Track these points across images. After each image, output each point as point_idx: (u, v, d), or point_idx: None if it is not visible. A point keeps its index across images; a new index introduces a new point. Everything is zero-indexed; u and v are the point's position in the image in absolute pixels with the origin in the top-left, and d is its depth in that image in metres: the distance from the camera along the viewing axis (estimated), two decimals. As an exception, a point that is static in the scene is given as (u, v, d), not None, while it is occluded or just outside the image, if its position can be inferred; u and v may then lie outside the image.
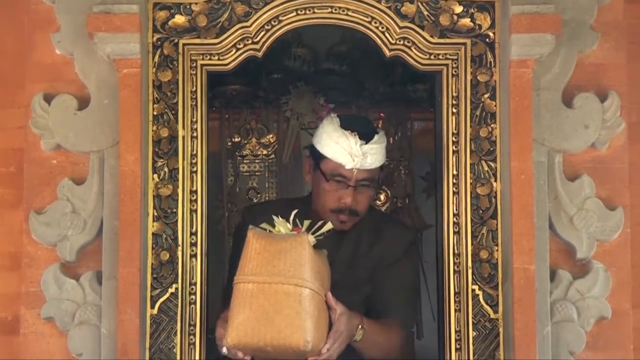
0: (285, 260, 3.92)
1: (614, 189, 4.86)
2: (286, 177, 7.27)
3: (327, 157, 4.42)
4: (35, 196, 4.81)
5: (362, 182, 4.38)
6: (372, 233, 4.58)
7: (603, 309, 4.78)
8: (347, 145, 4.37)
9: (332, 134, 4.41)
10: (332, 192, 4.42)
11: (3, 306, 4.90)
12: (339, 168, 4.39)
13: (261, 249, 3.94)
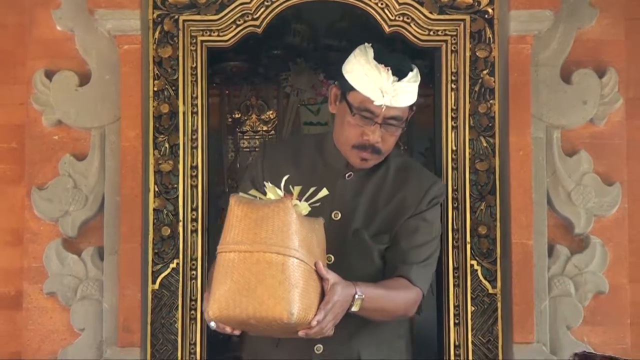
0: (268, 228, 3.74)
1: (611, 165, 4.87)
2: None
3: (356, 89, 4.09)
4: (36, 172, 4.83)
5: (389, 120, 4.08)
6: (396, 179, 4.29)
7: (600, 284, 4.81)
8: (379, 80, 4.06)
9: (364, 66, 4.10)
10: (356, 127, 4.11)
11: (6, 281, 4.92)
12: (367, 102, 4.07)
13: (243, 216, 3.75)
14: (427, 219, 4.27)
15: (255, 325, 3.66)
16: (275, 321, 3.62)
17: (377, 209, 4.20)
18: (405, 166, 4.28)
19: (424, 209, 4.23)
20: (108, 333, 4.74)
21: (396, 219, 4.20)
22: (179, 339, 4.72)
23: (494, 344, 4.77)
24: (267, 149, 4.35)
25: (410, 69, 4.12)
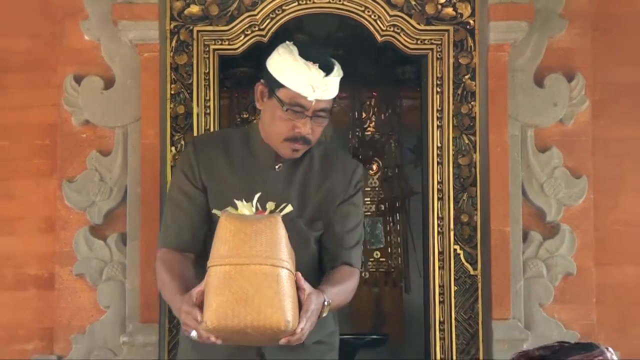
0: (262, 241, 3.58)
1: (579, 160, 4.88)
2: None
3: (286, 86, 3.84)
4: (67, 166, 4.84)
5: (319, 113, 3.86)
6: (322, 167, 4.06)
7: (569, 266, 4.82)
8: (309, 76, 3.82)
9: (292, 63, 3.85)
10: (287, 121, 3.86)
11: (40, 264, 4.91)
12: (298, 98, 3.83)
13: (236, 231, 3.58)
14: (355, 203, 4.11)
15: (250, 334, 3.55)
16: (272, 329, 3.53)
17: (308, 197, 4.04)
18: (328, 153, 4.10)
19: (352, 193, 4.08)
20: (130, 310, 4.75)
21: (327, 205, 4.04)
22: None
23: (475, 320, 4.79)
24: (197, 144, 4.04)
25: (334, 62, 3.94)
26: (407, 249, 7.07)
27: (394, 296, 7.10)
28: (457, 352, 4.78)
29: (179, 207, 3.91)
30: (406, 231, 7.08)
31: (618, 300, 4.91)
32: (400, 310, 7.03)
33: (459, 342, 4.78)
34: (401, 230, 7.15)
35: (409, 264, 7.03)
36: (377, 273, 7.18)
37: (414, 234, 6.84)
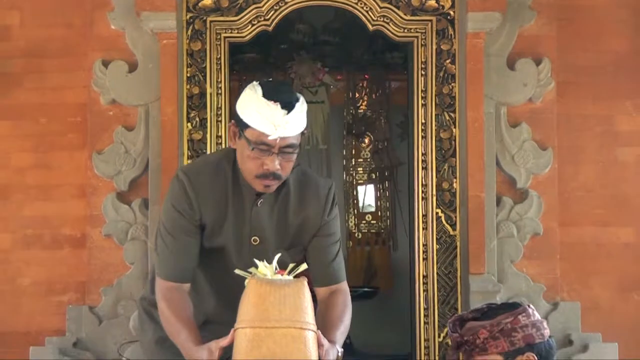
0: (290, 305, 3.36)
1: (545, 134, 4.89)
2: (291, 125, 7.26)
3: (251, 126, 3.51)
4: (96, 140, 4.87)
5: (285, 149, 3.55)
6: (297, 195, 3.75)
7: (536, 227, 4.85)
8: (270, 115, 3.51)
9: (255, 103, 3.54)
10: (256, 159, 3.55)
11: (73, 226, 4.94)
12: (262, 137, 3.50)
13: (266, 295, 3.35)
14: (331, 227, 3.79)
15: None
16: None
17: (288, 226, 3.76)
18: (301, 180, 3.75)
19: (327, 219, 3.76)
20: (152, 266, 4.75)
21: (305, 231, 3.76)
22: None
23: (454, 275, 4.81)
24: (192, 179, 3.65)
25: (297, 99, 3.58)
26: (395, 213, 7.08)
27: (383, 253, 7.11)
28: (438, 302, 4.79)
29: (177, 240, 3.63)
30: (394, 197, 7.09)
31: (579, 257, 4.94)
32: (388, 266, 7.04)
33: (440, 293, 4.80)
34: (390, 196, 7.16)
35: (396, 225, 7.05)
36: (369, 234, 7.20)
37: (401, 199, 6.84)
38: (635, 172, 4.98)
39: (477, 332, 3.38)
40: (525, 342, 3.36)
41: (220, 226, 3.64)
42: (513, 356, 3.35)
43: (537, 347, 3.36)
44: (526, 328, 3.36)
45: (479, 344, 3.37)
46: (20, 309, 4.89)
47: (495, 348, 3.35)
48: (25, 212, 4.94)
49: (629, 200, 4.98)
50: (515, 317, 3.37)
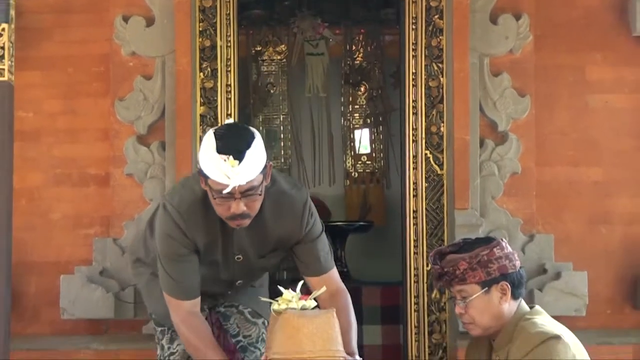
0: (322, 336, 3.33)
1: (524, 82, 4.89)
2: (292, 74, 7.27)
3: (210, 177, 3.41)
4: (118, 88, 4.88)
5: (246, 193, 3.44)
6: (274, 214, 3.64)
7: (515, 167, 4.86)
8: (224, 168, 3.37)
9: (210, 157, 3.41)
10: (222, 205, 3.46)
11: (98, 166, 4.96)
12: (222, 187, 3.39)
13: (300, 327, 3.32)
14: (313, 232, 3.72)
15: None
16: None
17: (267, 241, 3.71)
18: (277, 200, 3.62)
19: (307, 230, 3.70)
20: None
21: (287, 242, 3.72)
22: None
23: (441, 210, 4.81)
24: (184, 214, 3.57)
25: (248, 146, 3.41)
26: (388, 154, 7.09)
27: (377, 191, 7.12)
28: (427, 235, 4.80)
29: (181, 265, 3.59)
30: (387, 140, 7.10)
31: (553, 193, 4.95)
32: (382, 202, 7.06)
33: (428, 227, 4.81)
34: (383, 139, 7.16)
35: (389, 165, 7.06)
36: (364, 173, 7.21)
37: (393, 142, 6.84)
38: (603, 117, 4.98)
39: (457, 264, 3.44)
40: (500, 272, 3.43)
41: (211, 249, 3.61)
42: (489, 285, 3.42)
43: (510, 277, 3.43)
44: (500, 260, 3.43)
45: (459, 274, 3.43)
46: (51, 241, 4.93)
47: (473, 278, 3.42)
48: (55, 153, 4.95)
49: (598, 143, 4.98)
50: (490, 250, 3.43)
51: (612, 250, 4.93)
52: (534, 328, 3.37)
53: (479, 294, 3.42)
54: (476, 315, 3.43)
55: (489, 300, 3.43)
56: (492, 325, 3.44)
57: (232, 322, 3.92)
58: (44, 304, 4.85)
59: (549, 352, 3.28)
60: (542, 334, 3.33)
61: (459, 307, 3.46)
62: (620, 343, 4.80)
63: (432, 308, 4.75)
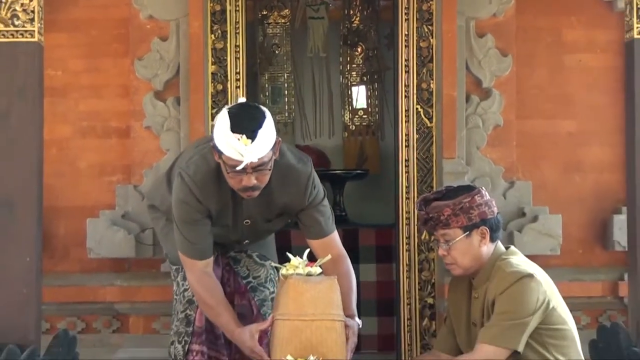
0: (323, 301, 3.38)
1: (506, 43, 4.89)
2: (295, 36, 7.24)
3: (224, 153, 3.42)
4: (137, 49, 4.88)
5: (258, 168, 3.44)
6: (280, 185, 3.64)
7: (498, 120, 4.87)
8: (237, 147, 3.38)
9: (224, 136, 3.42)
10: (234, 178, 3.47)
11: (120, 120, 4.95)
12: (235, 163, 3.42)
13: (303, 292, 3.37)
14: (316, 199, 3.72)
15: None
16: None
17: (273, 208, 3.72)
18: (284, 173, 3.62)
19: (311, 199, 3.71)
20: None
21: (291, 209, 3.74)
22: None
23: (430, 159, 4.82)
24: (199, 183, 3.58)
25: (260, 125, 3.41)
26: (382, 108, 7.08)
27: (372, 142, 7.11)
28: (417, 181, 4.81)
29: (196, 229, 3.61)
30: (382, 95, 7.09)
31: (531, 144, 4.96)
32: (377, 152, 7.06)
33: (419, 174, 4.82)
34: (378, 95, 7.15)
35: (384, 119, 7.06)
36: (361, 126, 7.21)
37: (387, 97, 6.85)
38: (577, 74, 4.98)
39: (441, 210, 3.49)
40: (480, 217, 3.49)
41: (223, 214, 3.64)
42: (470, 229, 3.48)
43: (489, 222, 3.50)
44: (480, 206, 3.49)
45: (443, 219, 3.49)
46: (78, 187, 4.95)
47: (456, 223, 3.48)
48: (81, 108, 4.96)
49: (572, 98, 4.99)
50: (472, 197, 3.48)
51: (584, 195, 4.97)
52: (509, 267, 3.43)
53: (461, 237, 3.48)
54: (458, 256, 3.49)
55: (469, 243, 3.48)
56: (472, 266, 3.50)
57: (242, 265, 3.97)
58: (72, 245, 4.88)
59: (523, 289, 3.35)
60: (517, 273, 3.39)
61: (442, 249, 3.52)
62: (591, 280, 4.87)
63: (422, 248, 4.78)
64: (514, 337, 3.32)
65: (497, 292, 3.38)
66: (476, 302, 3.51)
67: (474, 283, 3.54)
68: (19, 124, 3.49)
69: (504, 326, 3.32)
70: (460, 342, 3.60)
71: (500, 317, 3.34)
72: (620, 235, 4.71)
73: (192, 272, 3.64)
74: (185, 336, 3.81)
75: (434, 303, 4.74)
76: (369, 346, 5.44)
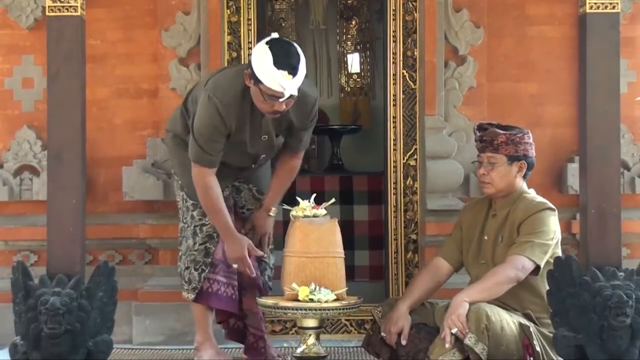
0: (326, 240, 3.43)
1: (479, 16, 4.85)
2: (299, 11, 7.22)
3: (265, 83, 3.45)
4: (163, 21, 4.85)
5: (290, 97, 3.50)
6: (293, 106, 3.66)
7: (472, 82, 4.85)
8: (281, 80, 3.41)
9: (267, 68, 3.42)
10: (267, 104, 3.50)
11: (149, 83, 4.92)
12: (274, 92, 3.47)
13: (308, 232, 3.42)
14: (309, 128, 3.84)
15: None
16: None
17: (283, 125, 3.77)
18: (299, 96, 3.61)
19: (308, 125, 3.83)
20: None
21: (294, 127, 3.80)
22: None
23: (414, 116, 4.80)
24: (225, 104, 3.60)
25: (299, 61, 3.46)
26: (374, 73, 7.11)
27: (365, 102, 7.15)
28: (403, 135, 4.79)
29: (214, 144, 3.64)
30: (373, 61, 7.10)
31: (500, 103, 4.92)
32: (368, 110, 7.10)
33: (404, 129, 4.80)
34: (370, 61, 7.16)
35: (375, 82, 7.08)
36: (355, 88, 7.23)
37: (377, 63, 6.87)
38: (538, 43, 4.95)
39: (497, 136, 3.55)
40: (524, 153, 3.56)
41: (242, 130, 3.68)
42: (513, 160, 3.54)
43: (528, 160, 3.58)
44: (527, 145, 3.56)
45: (495, 144, 3.54)
46: (114, 141, 4.96)
47: (505, 150, 3.54)
48: (117, 72, 4.94)
49: (534, 64, 4.96)
50: (523, 134, 3.57)
51: (544, 147, 4.87)
52: (536, 199, 3.53)
53: (505, 164, 3.52)
54: (496, 178, 3.53)
55: (509, 171, 3.54)
56: (504, 190, 3.56)
57: (242, 195, 4.03)
58: (110, 189, 4.89)
59: (548, 217, 3.45)
60: (544, 203, 3.51)
61: (485, 169, 3.56)
62: (549, 218, 4.92)
63: (407, 192, 4.78)
64: (540, 254, 3.39)
65: (525, 215, 3.45)
66: (493, 220, 3.56)
67: (497, 205, 3.58)
68: (66, 86, 3.50)
69: (534, 243, 3.38)
70: (468, 253, 3.63)
71: (529, 236, 3.40)
72: (573, 181, 4.73)
73: (200, 175, 3.69)
74: (202, 265, 3.85)
75: (416, 239, 4.76)
76: (362, 275, 5.52)
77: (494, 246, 3.54)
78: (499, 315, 3.29)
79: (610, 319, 3.16)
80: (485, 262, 3.55)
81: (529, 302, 3.48)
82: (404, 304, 3.51)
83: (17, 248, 4.92)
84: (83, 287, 3.37)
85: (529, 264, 3.38)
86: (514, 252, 3.40)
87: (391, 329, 3.49)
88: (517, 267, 3.35)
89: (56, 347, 3.24)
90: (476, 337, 3.20)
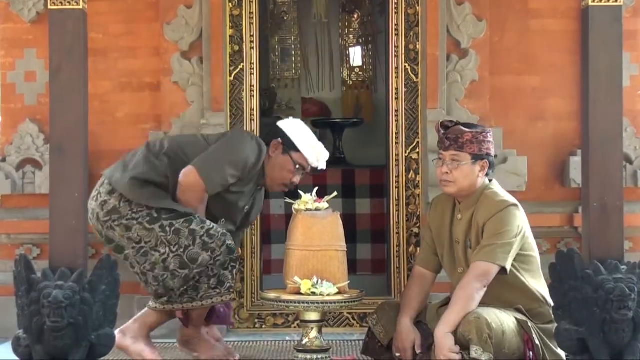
0: (328, 233, 3.45)
1: (481, 10, 4.87)
2: (301, 4, 7.17)
3: (302, 153, 3.63)
4: (165, 15, 4.86)
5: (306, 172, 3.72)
6: None
7: (474, 76, 4.88)
8: (320, 154, 3.65)
9: (311, 141, 3.64)
10: (291, 173, 3.66)
11: (152, 76, 4.95)
12: (307, 163, 3.65)
13: (311, 225, 3.43)
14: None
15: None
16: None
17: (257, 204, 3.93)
18: None
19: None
20: (206, 104, 4.80)
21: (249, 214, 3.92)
22: (246, 108, 4.74)
23: (417, 109, 4.80)
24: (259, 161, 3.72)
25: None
26: (376, 66, 7.05)
27: (367, 95, 7.08)
28: (405, 129, 4.80)
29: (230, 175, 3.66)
30: (375, 54, 7.05)
31: (502, 96, 4.96)
32: (371, 104, 7.05)
33: (406, 123, 4.80)
34: (372, 54, 7.12)
35: (377, 75, 7.02)
36: (357, 81, 7.17)
37: (380, 56, 6.84)
38: (541, 37, 4.96)
39: (462, 133, 3.49)
40: (487, 152, 3.52)
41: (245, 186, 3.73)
42: (477, 159, 3.49)
43: (489, 158, 3.53)
44: (490, 143, 3.53)
45: (460, 142, 3.49)
46: (117, 134, 4.97)
47: (469, 149, 3.50)
48: (119, 66, 4.96)
49: (537, 57, 4.98)
50: (487, 133, 3.53)
51: (546, 140, 4.99)
52: (497, 197, 3.48)
53: (469, 162, 3.49)
54: (460, 177, 3.48)
55: (472, 170, 3.48)
56: (466, 189, 3.51)
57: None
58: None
59: (509, 215, 3.41)
60: (504, 201, 3.45)
61: (447, 167, 3.49)
62: (551, 212, 4.92)
63: (409, 185, 4.78)
64: (502, 255, 3.35)
65: (487, 216, 3.41)
66: (460, 223, 3.53)
67: (460, 206, 3.54)
68: (68, 79, 3.48)
69: (495, 245, 3.35)
70: (444, 257, 3.61)
71: (490, 239, 3.37)
72: (576, 174, 4.74)
73: (198, 191, 3.69)
74: (231, 262, 3.76)
75: (418, 232, 4.77)
76: (364, 269, 5.51)
77: (465, 250, 3.52)
78: (498, 319, 3.29)
79: (613, 313, 3.15)
80: (462, 270, 3.51)
81: (514, 298, 3.46)
82: (407, 318, 3.49)
83: (19, 241, 4.93)
84: (85, 281, 3.36)
85: (494, 268, 3.36)
86: (476, 259, 3.39)
87: (405, 345, 3.47)
88: (481, 275, 3.34)
89: (59, 341, 3.23)
90: (482, 349, 3.20)
